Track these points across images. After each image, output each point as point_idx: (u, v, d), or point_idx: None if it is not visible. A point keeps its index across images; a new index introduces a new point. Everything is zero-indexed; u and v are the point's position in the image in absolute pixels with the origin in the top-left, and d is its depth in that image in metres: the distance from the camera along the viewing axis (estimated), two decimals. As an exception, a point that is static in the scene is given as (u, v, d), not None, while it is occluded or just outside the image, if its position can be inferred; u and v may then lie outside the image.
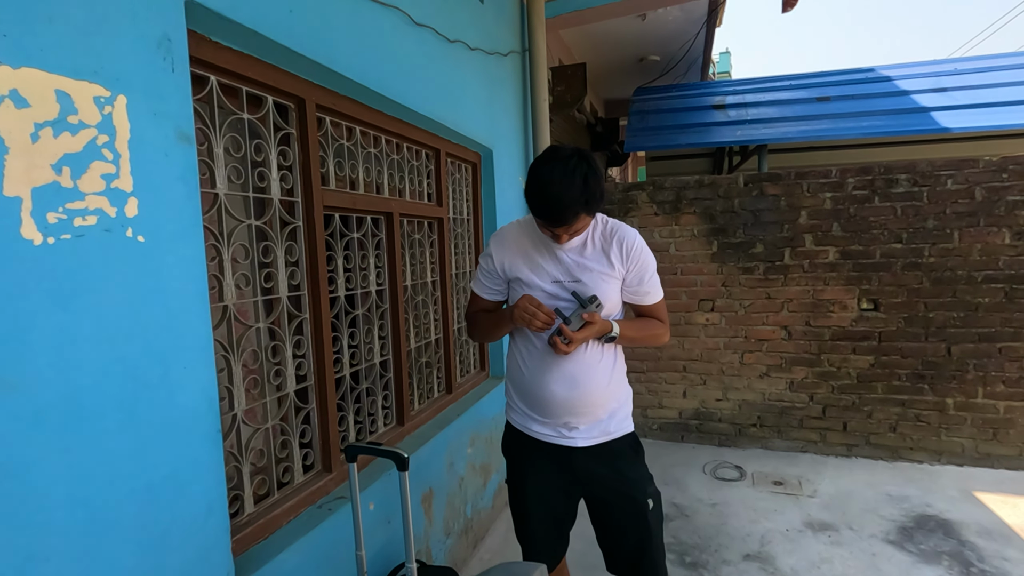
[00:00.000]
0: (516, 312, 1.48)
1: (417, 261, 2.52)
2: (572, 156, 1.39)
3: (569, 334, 1.42)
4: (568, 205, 1.36)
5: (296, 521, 1.61)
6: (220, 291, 1.44)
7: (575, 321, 1.44)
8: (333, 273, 1.90)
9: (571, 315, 1.45)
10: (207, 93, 1.40)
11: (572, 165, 1.37)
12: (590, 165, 1.39)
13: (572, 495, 1.67)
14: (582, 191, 1.36)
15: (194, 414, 1.19)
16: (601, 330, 1.49)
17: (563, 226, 1.40)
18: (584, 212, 1.39)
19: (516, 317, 1.48)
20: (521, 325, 1.50)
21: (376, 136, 2.16)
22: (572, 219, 1.38)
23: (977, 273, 3.47)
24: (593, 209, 1.41)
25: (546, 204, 1.37)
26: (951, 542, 2.73)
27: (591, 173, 1.38)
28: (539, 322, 1.45)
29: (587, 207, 1.38)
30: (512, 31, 3.56)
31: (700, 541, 2.81)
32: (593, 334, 1.47)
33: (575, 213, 1.37)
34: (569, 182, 1.35)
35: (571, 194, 1.35)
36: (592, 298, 1.46)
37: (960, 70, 4.31)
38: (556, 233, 1.45)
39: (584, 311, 1.44)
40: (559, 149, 1.42)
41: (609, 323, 1.51)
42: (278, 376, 1.66)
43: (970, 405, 3.54)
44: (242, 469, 1.49)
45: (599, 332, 1.49)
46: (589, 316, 1.44)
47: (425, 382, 2.57)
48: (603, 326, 1.49)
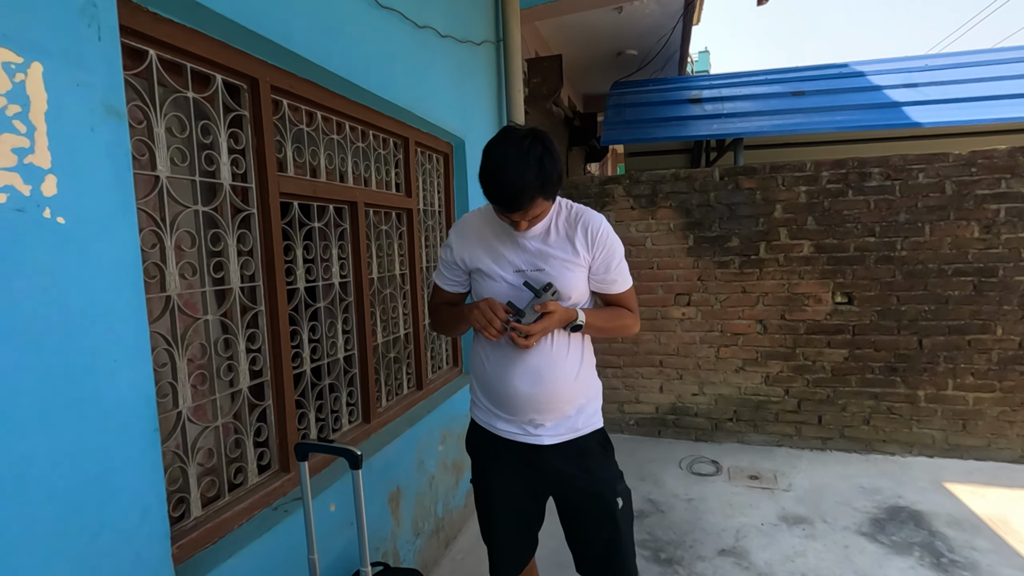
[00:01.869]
0: (472, 316, 1.42)
1: (384, 253, 2.44)
2: (527, 137, 1.31)
3: (524, 328, 1.35)
4: (523, 189, 1.28)
5: (249, 524, 1.53)
6: (162, 280, 1.35)
7: (529, 313, 1.37)
8: (292, 264, 1.82)
9: (525, 307, 1.39)
10: (145, 68, 1.31)
11: (526, 146, 1.29)
12: (546, 146, 1.32)
13: (539, 495, 1.61)
14: (537, 174, 1.28)
15: (126, 411, 1.11)
16: (563, 319, 1.42)
17: (518, 211, 1.33)
18: (541, 197, 1.32)
19: (472, 321, 1.42)
20: (478, 331, 1.43)
21: (339, 122, 2.08)
22: (528, 204, 1.31)
23: (947, 266, 3.50)
24: (550, 193, 1.34)
25: (500, 188, 1.30)
26: (922, 533, 2.75)
27: (547, 155, 1.31)
28: (494, 329, 1.39)
29: (543, 191, 1.31)
30: (486, 21, 3.48)
31: (676, 537, 2.78)
32: (554, 324, 1.41)
33: (531, 198, 1.30)
34: (523, 165, 1.27)
35: (526, 178, 1.27)
36: (547, 286, 1.40)
37: (931, 66, 4.36)
38: (514, 220, 1.38)
39: (538, 301, 1.38)
40: (513, 130, 1.35)
41: (573, 311, 1.45)
42: (230, 371, 1.57)
43: (941, 397, 3.58)
44: (188, 470, 1.40)
45: (561, 321, 1.42)
46: (542, 307, 1.37)
47: (394, 378, 2.49)
48: (565, 314, 1.42)
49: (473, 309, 1.44)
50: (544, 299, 1.39)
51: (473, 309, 1.44)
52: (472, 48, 3.22)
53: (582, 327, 1.48)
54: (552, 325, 1.41)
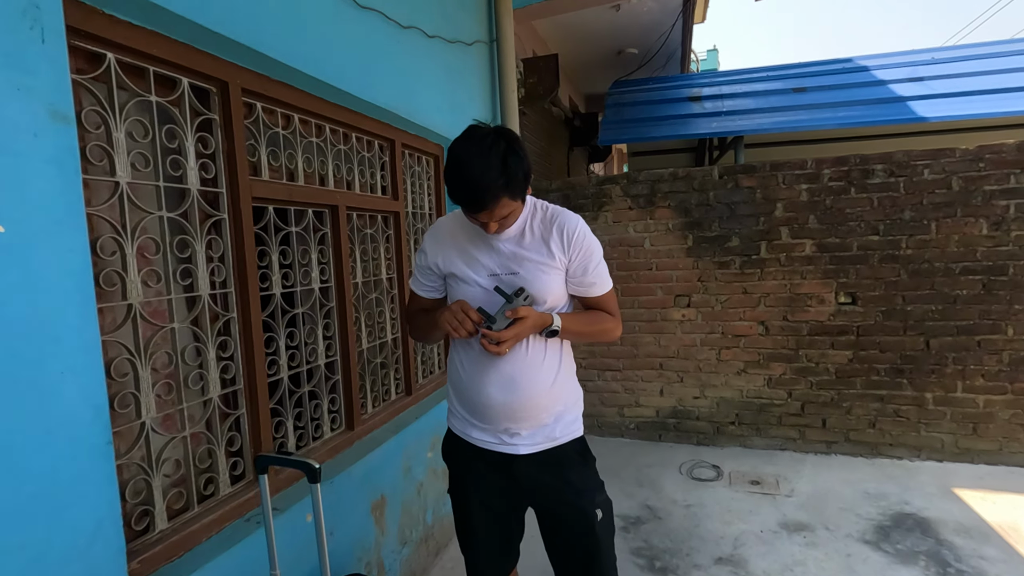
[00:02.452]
0: (443, 318, 1.37)
1: (370, 257, 2.41)
2: (490, 135, 1.28)
3: (494, 335, 1.31)
4: (486, 187, 1.24)
5: (218, 536, 1.49)
6: (123, 289, 1.32)
7: (500, 319, 1.33)
8: (267, 269, 1.78)
9: (496, 313, 1.34)
10: (103, 71, 1.28)
11: (489, 143, 1.25)
12: (511, 144, 1.27)
13: (517, 505, 1.57)
14: (501, 172, 1.24)
15: (74, 424, 1.07)
16: (537, 324, 1.37)
17: (483, 211, 1.28)
18: (506, 196, 1.27)
19: (441, 323, 1.38)
20: (447, 332, 1.38)
21: (319, 125, 2.05)
22: (492, 203, 1.26)
23: (955, 265, 3.40)
24: (516, 192, 1.29)
25: (462, 187, 1.26)
26: (928, 541, 2.65)
27: (511, 153, 1.26)
28: (464, 331, 1.35)
29: (508, 190, 1.26)
30: (478, 20, 3.44)
31: (672, 545, 2.72)
32: (527, 330, 1.36)
33: (495, 197, 1.25)
34: (485, 163, 1.23)
35: (489, 176, 1.23)
36: (518, 291, 1.35)
37: (938, 59, 4.24)
38: (481, 221, 1.34)
39: (510, 307, 1.33)
40: (477, 128, 1.31)
41: (548, 316, 1.40)
42: (200, 380, 1.54)
43: (949, 399, 3.47)
44: (152, 481, 1.37)
45: (535, 327, 1.37)
46: (513, 312, 1.32)
47: (380, 384, 2.46)
48: (539, 319, 1.37)
49: (444, 311, 1.40)
50: (515, 304, 1.34)
51: (444, 311, 1.40)
52: (463, 48, 3.18)
53: (558, 332, 1.43)
54: (525, 331, 1.37)
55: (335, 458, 2.02)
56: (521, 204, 1.36)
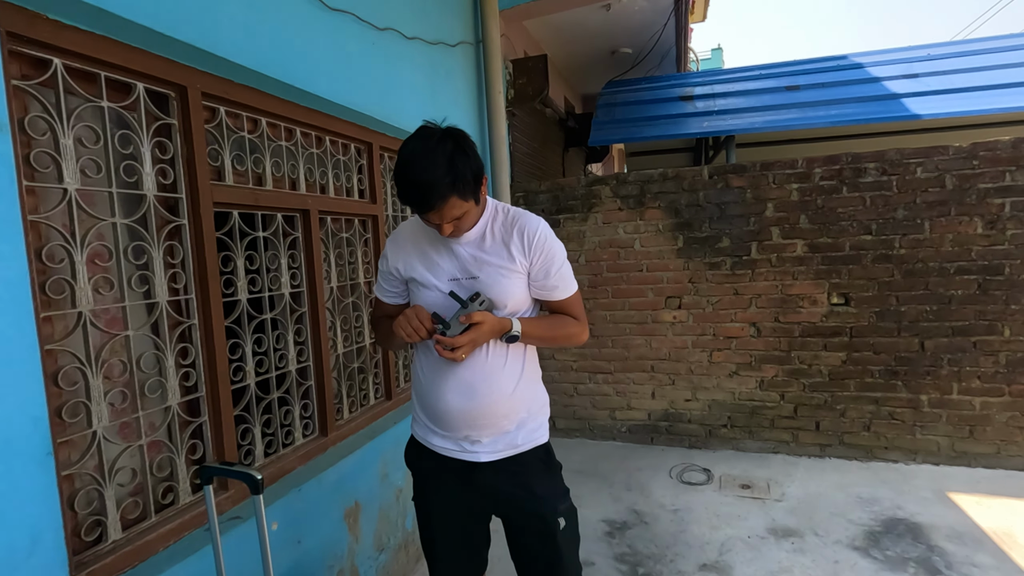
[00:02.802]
0: (397, 323, 1.35)
1: (346, 261, 2.39)
2: (436, 133, 1.26)
3: (448, 341, 1.28)
4: (432, 186, 1.21)
5: (177, 546, 1.48)
6: (72, 296, 1.30)
7: (455, 325, 1.30)
8: (232, 275, 1.77)
9: (450, 318, 1.32)
10: (50, 77, 1.27)
11: (434, 143, 1.23)
12: (458, 144, 1.25)
13: (481, 514, 1.54)
14: (447, 171, 1.22)
15: (10, 436, 1.06)
16: (495, 329, 1.34)
17: (431, 211, 1.26)
18: (455, 195, 1.24)
19: (395, 329, 1.35)
20: (401, 337, 1.36)
21: (289, 128, 2.03)
22: (440, 203, 1.24)
23: (949, 264, 3.33)
24: (466, 192, 1.27)
25: (408, 187, 1.24)
26: (919, 547, 2.60)
27: (458, 152, 1.24)
28: (418, 336, 1.32)
29: (456, 189, 1.24)
30: (463, 21, 3.42)
31: (656, 550, 2.68)
32: (485, 336, 1.33)
33: (442, 196, 1.23)
34: (431, 161, 1.21)
35: (434, 174, 1.21)
36: (474, 296, 1.33)
37: (934, 56, 4.17)
38: (433, 222, 1.31)
39: (464, 312, 1.31)
40: (425, 128, 1.29)
41: (507, 320, 1.37)
42: (158, 387, 1.52)
43: (945, 402, 3.41)
44: (104, 492, 1.35)
45: (493, 332, 1.35)
46: (467, 318, 1.30)
47: (358, 388, 2.44)
48: (498, 324, 1.35)
49: (399, 316, 1.37)
50: (471, 309, 1.31)
51: (399, 316, 1.37)
52: (446, 50, 3.16)
53: (518, 338, 1.40)
54: (482, 337, 1.34)
55: (306, 464, 2.00)
56: (474, 205, 1.33)
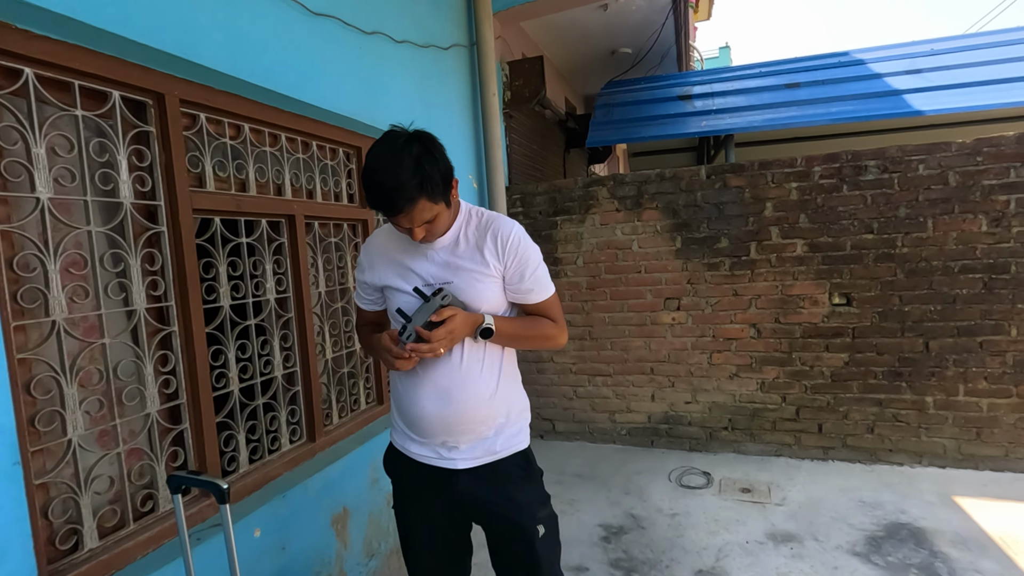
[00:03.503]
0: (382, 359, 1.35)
1: (335, 266, 2.38)
2: (403, 136, 1.25)
3: (426, 334, 1.26)
4: (398, 189, 1.20)
5: (155, 553, 1.47)
6: (46, 305, 1.30)
7: (418, 318, 1.27)
8: (214, 282, 1.77)
9: (413, 313, 1.29)
10: (21, 87, 1.27)
11: (400, 145, 1.22)
12: (426, 146, 1.24)
13: (460, 521, 1.52)
14: (414, 173, 1.20)
15: (-25, 445, 1.06)
16: (468, 323, 1.32)
17: (400, 214, 1.24)
18: (423, 198, 1.23)
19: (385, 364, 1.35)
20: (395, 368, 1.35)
21: (273, 134, 2.03)
22: (408, 206, 1.22)
23: (953, 263, 3.26)
24: (435, 194, 1.25)
25: (375, 190, 1.23)
26: (922, 553, 2.54)
27: (425, 154, 1.23)
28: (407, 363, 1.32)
29: (424, 191, 1.22)
30: (456, 24, 3.42)
31: (652, 556, 2.64)
32: (460, 328, 1.30)
33: (410, 199, 1.21)
34: (397, 164, 1.20)
35: (400, 177, 1.19)
36: (436, 291, 1.31)
37: (937, 51, 4.10)
38: (404, 227, 1.30)
39: (426, 307, 1.28)
40: (392, 132, 1.28)
41: (479, 315, 1.35)
42: (137, 395, 1.52)
43: (951, 403, 3.33)
44: (80, 500, 1.35)
45: (468, 324, 1.32)
46: (437, 315, 1.28)
47: (348, 393, 2.43)
48: (469, 319, 1.33)
49: (380, 352, 1.36)
50: (434, 304, 1.29)
51: (380, 352, 1.36)
52: (438, 53, 3.15)
53: (492, 331, 1.37)
54: (458, 329, 1.31)
55: (292, 470, 1.99)
56: (445, 207, 1.32)
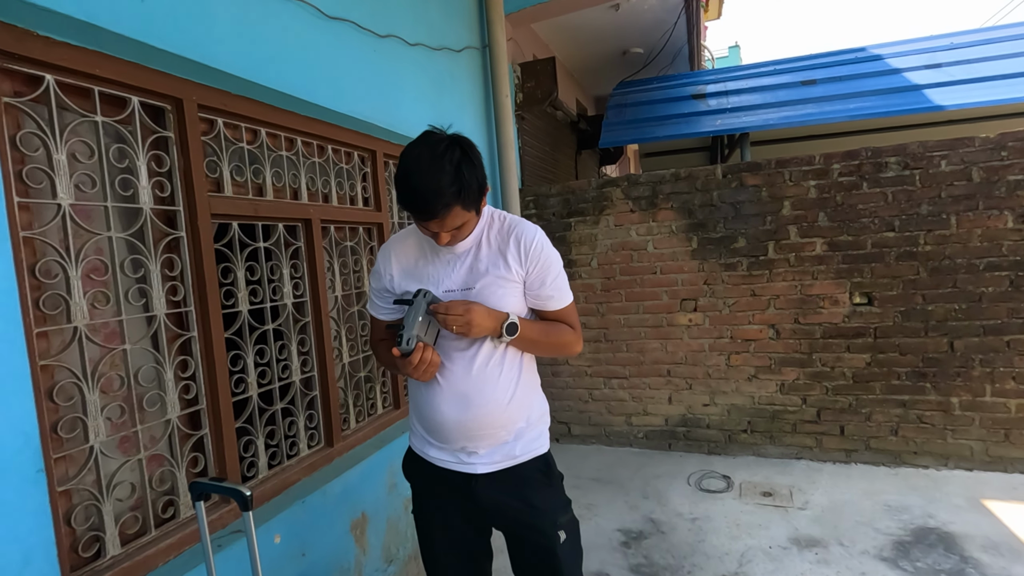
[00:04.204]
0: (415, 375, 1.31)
1: (351, 270, 2.38)
2: (443, 141, 1.22)
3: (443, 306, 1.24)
4: (437, 195, 1.18)
5: (177, 560, 1.47)
6: (67, 311, 1.30)
7: (411, 324, 1.23)
8: (232, 286, 1.76)
9: (404, 319, 1.25)
10: (42, 93, 1.27)
11: (442, 150, 1.19)
12: (465, 152, 1.22)
13: (480, 526, 1.50)
14: (453, 179, 1.18)
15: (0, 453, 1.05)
16: (492, 315, 1.29)
17: (433, 220, 1.22)
18: (458, 205, 1.21)
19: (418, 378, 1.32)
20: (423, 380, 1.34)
21: (289, 138, 2.02)
22: (443, 212, 1.20)
23: (979, 260, 3.19)
24: (470, 202, 1.23)
25: (412, 194, 1.20)
26: (952, 559, 2.47)
27: (465, 161, 1.21)
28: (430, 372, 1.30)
29: (460, 199, 1.20)
30: (468, 27, 3.41)
31: (673, 561, 2.60)
32: (481, 318, 1.26)
33: (446, 205, 1.19)
34: (438, 169, 1.18)
35: (439, 182, 1.17)
36: (418, 292, 1.28)
37: (957, 44, 4.02)
38: (432, 231, 1.28)
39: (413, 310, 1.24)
40: (431, 133, 1.25)
41: (503, 313, 1.32)
42: (158, 401, 1.52)
43: (978, 404, 3.26)
44: (102, 507, 1.35)
45: (490, 316, 1.28)
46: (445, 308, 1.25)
47: (365, 398, 2.42)
48: (492, 311, 1.30)
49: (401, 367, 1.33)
50: (419, 304, 1.26)
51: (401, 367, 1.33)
52: (451, 55, 3.15)
53: (516, 328, 1.33)
54: (478, 316, 1.26)
55: (311, 476, 1.98)
56: (475, 216, 1.30)
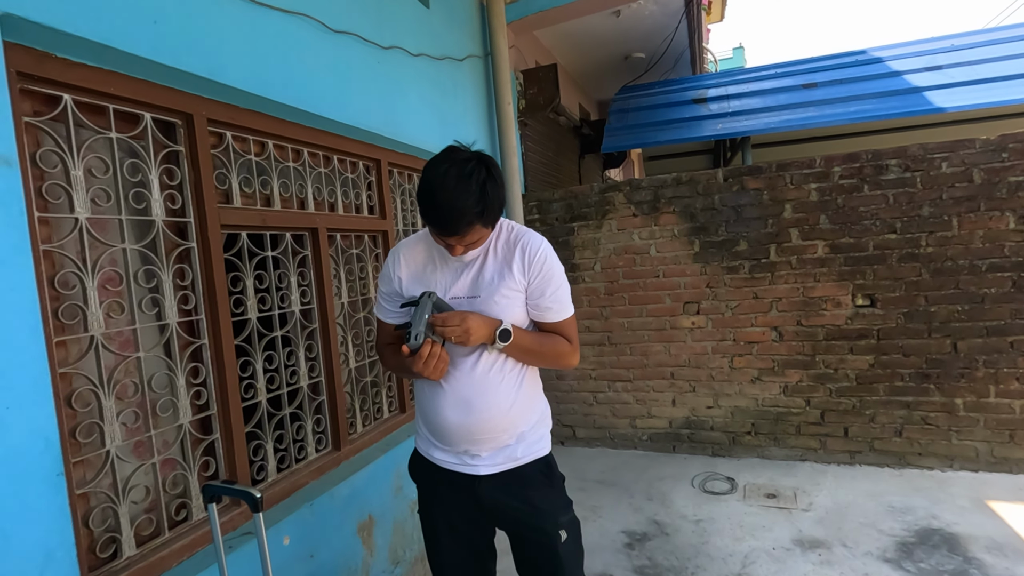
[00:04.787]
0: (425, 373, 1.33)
1: (356, 277, 2.43)
2: (471, 160, 1.26)
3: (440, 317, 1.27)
4: (461, 213, 1.22)
5: (190, 561, 1.51)
6: (84, 321, 1.36)
7: (416, 324, 1.27)
8: (241, 295, 1.81)
9: (412, 318, 1.29)
10: (60, 112, 1.33)
11: (469, 169, 1.23)
12: (490, 172, 1.26)
13: (484, 527, 1.53)
14: (478, 200, 1.22)
15: (22, 457, 1.10)
16: (487, 323, 1.32)
17: (454, 236, 1.27)
18: (479, 223, 1.26)
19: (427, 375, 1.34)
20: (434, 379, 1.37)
21: (296, 149, 2.08)
22: (465, 229, 1.25)
23: (981, 262, 3.20)
24: (490, 221, 1.28)
25: (436, 211, 1.24)
26: (955, 560, 2.48)
27: (490, 180, 1.25)
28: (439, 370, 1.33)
29: (483, 218, 1.25)
30: (470, 36, 3.46)
31: (676, 563, 2.62)
32: (476, 326, 1.30)
33: (468, 223, 1.24)
34: (464, 188, 1.21)
35: (466, 202, 1.21)
36: (423, 293, 1.32)
37: (958, 46, 4.03)
38: (449, 244, 1.32)
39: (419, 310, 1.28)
40: (457, 150, 1.29)
41: (497, 320, 1.36)
42: (170, 407, 1.57)
43: (982, 405, 3.26)
44: (118, 509, 1.40)
45: (485, 324, 1.32)
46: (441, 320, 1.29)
47: (372, 402, 2.46)
48: (487, 319, 1.33)
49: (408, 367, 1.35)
50: (425, 303, 1.30)
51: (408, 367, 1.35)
52: (454, 64, 3.20)
53: (510, 335, 1.36)
54: (474, 325, 1.30)
55: (319, 479, 2.03)
56: (491, 230, 1.35)
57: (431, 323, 1.29)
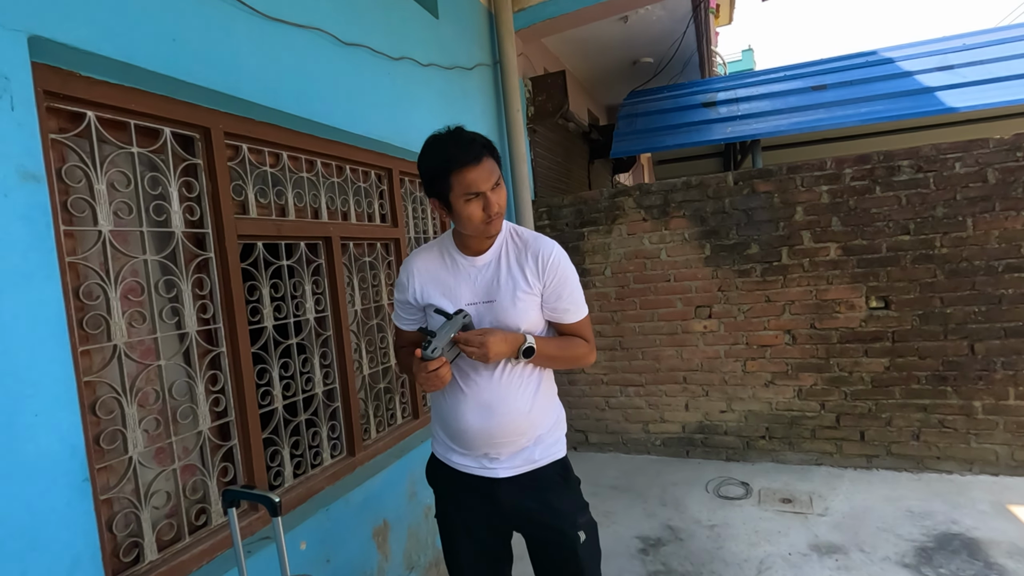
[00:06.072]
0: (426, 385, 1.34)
1: (369, 284, 2.46)
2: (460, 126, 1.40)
3: (462, 336, 1.31)
4: (471, 139, 1.33)
5: (209, 566, 1.54)
6: (108, 330, 1.39)
7: (442, 336, 1.30)
8: (258, 303, 1.85)
9: (438, 329, 1.32)
10: (84, 129, 1.37)
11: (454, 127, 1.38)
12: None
13: (502, 530, 1.55)
14: (479, 136, 1.35)
15: (50, 463, 1.14)
16: (508, 339, 1.35)
17: (476, 165, 1.30)
18: (490, 157, 1.34)
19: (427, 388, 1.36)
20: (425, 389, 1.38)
21: (310, 160, 2.12)
22: (482, 154, 1.32)
23: (997, 262, 3.16)
24: (496, 162, 1.36)
25: (448, 143, 1.33)
26: (976, 565, 2.45)
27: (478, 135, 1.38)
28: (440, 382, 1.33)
29: (489, 151, 1.34)
30: (479, 44, 3.50)
31: (692, 568, 2.61)
32: (497, 344, 1.32)
33: (483, 146, 1.33)
34: (462, 130, 1.36)
35: (468, 133, 1.34)
36: (458, 312, 1.35)
37: (970, 45, 4.00)
38: (480, 190, 1.31)
39: (449, 325, 1.31)
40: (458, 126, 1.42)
41: (520, 335, 1.39)
42: (190, 413, 1.60)
43: (1001, 408, 3.21)
44: (140, 515, 1.43)
45: (507, 341, 1.34)
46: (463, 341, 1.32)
47: (385, 408, 2.49)
48: (509, 336, 1.36)
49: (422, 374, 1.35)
50: (456, 321, 1.33)
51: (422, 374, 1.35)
52: (463, 73, 3.24)
53: (533, 350, 1.39)
54: (495, 344, 1.32)
55: (334, 484, 2.05)
56: (503, 186, 1.39)
57: (454, 340, 1.32)
